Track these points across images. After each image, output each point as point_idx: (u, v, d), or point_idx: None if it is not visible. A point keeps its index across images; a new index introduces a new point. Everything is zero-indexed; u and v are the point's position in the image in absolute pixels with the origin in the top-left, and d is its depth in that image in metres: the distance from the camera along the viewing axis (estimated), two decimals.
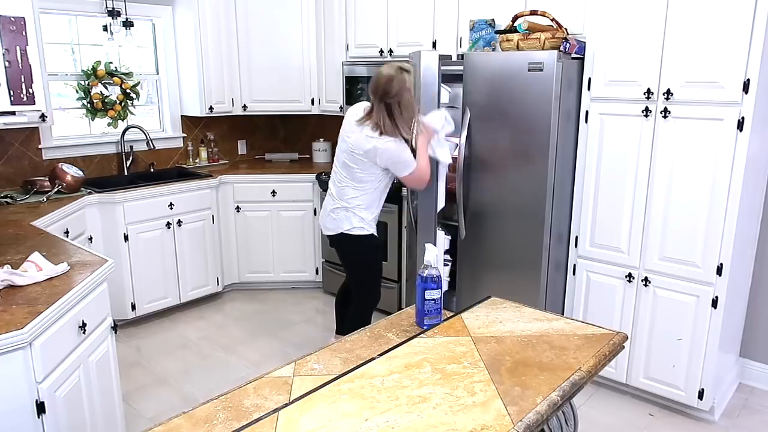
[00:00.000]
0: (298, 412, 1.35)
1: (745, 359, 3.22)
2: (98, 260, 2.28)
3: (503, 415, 1.33)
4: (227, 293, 4.53)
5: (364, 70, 4.16)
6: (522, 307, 1.96)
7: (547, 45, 2.88)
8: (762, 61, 2.41)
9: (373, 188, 2.88)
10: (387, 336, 1.79)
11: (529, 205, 2.96)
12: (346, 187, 2.88)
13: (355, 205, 2.87)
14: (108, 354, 2.28)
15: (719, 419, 2.89)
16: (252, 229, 4.42)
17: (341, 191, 2.90)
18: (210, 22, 4.31)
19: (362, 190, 2.87)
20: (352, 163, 2.83)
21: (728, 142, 2.51)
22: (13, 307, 1.81)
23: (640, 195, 2.81)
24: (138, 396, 3.13)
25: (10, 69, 2.84)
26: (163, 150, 4.56)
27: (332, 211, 2.93)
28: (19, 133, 3.74)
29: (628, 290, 2.93)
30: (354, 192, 2.87)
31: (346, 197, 2.88)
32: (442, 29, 3.69)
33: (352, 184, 2.86)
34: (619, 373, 3.03)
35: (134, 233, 3.79)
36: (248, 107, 4.61)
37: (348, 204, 2.88)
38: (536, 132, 2.86)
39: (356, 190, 2.87)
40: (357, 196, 2.87)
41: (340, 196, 2.90)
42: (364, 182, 2.85)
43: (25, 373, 1.73)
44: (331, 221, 2.94)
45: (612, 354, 1.69)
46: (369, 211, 2.90)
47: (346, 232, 2.90)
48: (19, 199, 3.39)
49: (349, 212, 2.88)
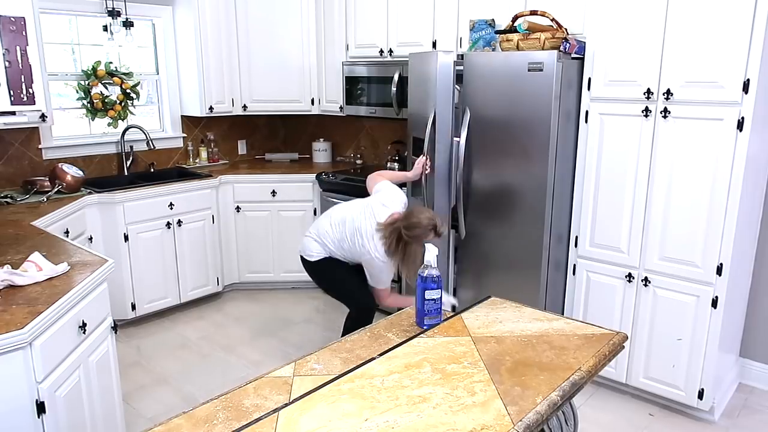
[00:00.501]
0: (298, 412, 1.35)
1: (745, 359, 3.22)
2: (98, 260, 2.28)
3: (503, 415, 1.33)
4: (227, 293, 4.53)
5: (364, 70, 4.16)
6: (522, 307, 1.96)
7: (547, 45, 2.88)
8: (762, 61, 2.41)
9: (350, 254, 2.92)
10: (387, 336, 1.79)
11: (529, 205, 2.96)
12: (328, 235, 2.93)
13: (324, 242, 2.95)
14: (108, 354, 2.28)
15: (719, 419, 2.89)
16: (252, 229, 4.42)
17: (322, 232, 2.96)
18: (210, 22, 4.31)
19: (338, 247, 2.93)
20: (348, 236, 2.86)
21: (728, 142, 2.51)
22: (13, 307, 1.81)
23: (640, 195, 2.81)
24: (138, 396, 3.13)
25: (10, 69, 2.83)
26: (163, 150, 4.56)
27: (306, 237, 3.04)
28: (19, 133, 3.74)
29: (628, 290, 2.93)
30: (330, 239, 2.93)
31: (321, 237, 2.96)
32: (442, 29, 3.69)
33: (333, 240, 2.92)
34: (619, 373, 3.03)
35: (134, 233, 3.79)
36: (248, 107, 4.61)
37: (319, 240, 2.96)
38: (536, 132, 2.86)
39: (333, 245, 2.93)
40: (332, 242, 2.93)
41: (319, 234, 2.97)
42: (344, 246, 2.91)
43: (25, 373, 1.73)
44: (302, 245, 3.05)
45: (612, 354, 1.69)
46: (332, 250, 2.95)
47: (306, 256, 3.01)
48: (19, 199, 3.39)
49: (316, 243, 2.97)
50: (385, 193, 2.94)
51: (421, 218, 2.62)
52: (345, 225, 2.88)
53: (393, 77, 3.89)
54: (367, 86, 4.18)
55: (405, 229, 2.63)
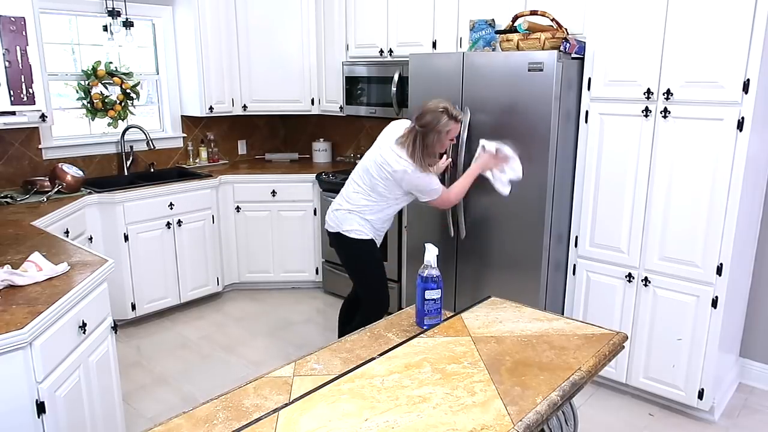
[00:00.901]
0: (298, 412, 1.35)
1: (745, 359, 3.22)
2: (98, 260, 2.28)
3: (503, 415, 1.33)
4: (227, 293, 4.53)
5: (364, 70, 4.16)
6: (522, 307, 1.96)
7: (547, 45, 2.88)
8: (762, 61, 2.41)
9: (388, 206, 2.83)
10: (387, 336, 1.79)
11: (529, 205, 2.96)
12: (359, 194, 2.82)
13: (361, 209, 2.82)
14: (108, 354, 2.28)
15: (719, 419, 2.89)
16: (252, 229, 4.42)
17: (352, 196, 2.85)
18: (210, 22, 4.31)
19: (375, 202, 2.81)
20: (378, 176, 2.76)
21: (728, 142, 2.51)
22: (13, 307, 1.81)
23: (640, 195, 2.81)
24: (138, 396, 3.13)
25: (10, 69, 2.83)
26: (163, 150, 4.56)
27: (336, 210, 2.89)
28: (19, 133, 3.74)
29: (628, 290, 2.93)
30: (366, 201, 2.81)
31: (354, 202, 2.83)
32: (442, 29, 3.69)
33: (368, 194, 2.80)
34: (619, 373, 3.03)
35: (134, 233, 3.79)
36: (248, 107, 4.61)
37: (354, 207, 2.83)
38: (536, 132, 2.86)
39: (369, 200, 2.81)
40: (367, 205, 2.81)
41: (349, 199, 2.85)
42: (383, 197, 2.79)
43: (25, 373, 1.73)
44: (333, 218, 2.91)
45: (612, 354, 1.69)
46: (373, 221, 2.83)
47: (344, 232, 2.85)
48: (19, 199, 3.39)
49: (353, 214, 2.83)
50: (386, 131, 2.87)
51: (429, 105, 2.64)
52: (369, 172, 2.78)
53: (393, 77, 3.89)
54: (367, 86, 4.18)
55: (417, 123, 2.63)
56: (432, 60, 3.24)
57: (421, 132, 2.64)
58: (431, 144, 2.66)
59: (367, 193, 2.81)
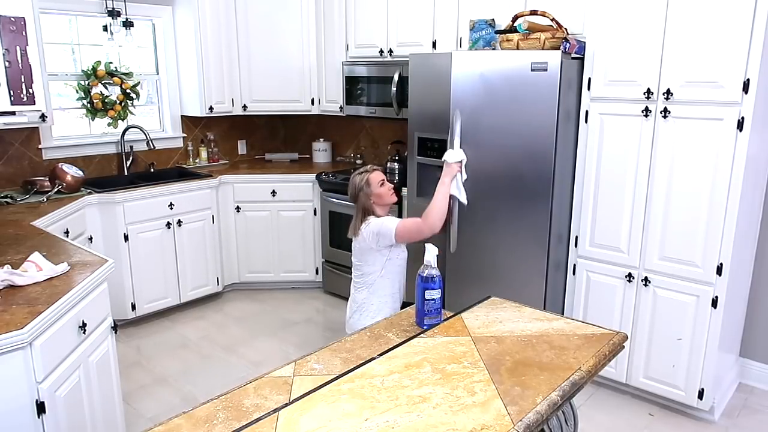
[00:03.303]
0: (298, 412, 1.35)
1: (745, 359, 3.22)
2: (98, 260, 2.28)
3: (503, 414, 1.33)
4: (227, 293, 4.53)
5: (364, 70, 4.16)
6: (522, 307, 1.96)
7: (547, 45, 2.88)
8: (762, 61, 2.41)
9: (379, 276, 2.71)
10: (387, 336, 1.79)
11: (528, 204, 2.96)
12: (360, 290, 2.77)
13: (363, 304, 2.75)
14: (108, 354, 2.28)
15: (719, 419, 2.89)
16: (252, 229, 4.42)
17: (354, 296, 2.81)
18: (210, 22, 4.31)
19: (369, 284, 2.73)
20: (358, 261, 2.74)
21: (728, 142, 2.51)
22: (13, 307, 1.81)
23: (640, 195, 2.81)
24: (138, 396, 3.13)
25: (10, 69, 2.83)
26: (163, 150, 4.56)
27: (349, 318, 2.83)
28: (19, 133, 3.74)
29: (628, 290, 2.93)
30: (364, 293, 2.75)
31: (358, 300, 2.77)
32: (442, 29, 3.70)
33: (362, 281, 2.75)
34: (619, 373, 3.03)
35: (134, 233, 3.79)
36: (248, 107, 4.61)
37: (359, 305, 2.77)
38: (537, 132, 2.86)
39: (365, 289, 2.74)
40: (366, 297, 2.75)
41: (354, 300, 2.80)
42: (369, 274, 2.72)
43: (25, 373, 1.73)
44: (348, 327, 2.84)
45: (612, 354, 1.69)
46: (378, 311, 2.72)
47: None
48: (19, 199, 3.39)
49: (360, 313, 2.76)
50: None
51: (355, 179, 2.75)
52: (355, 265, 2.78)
53: (393, 77, 3.89)
54: (367, 86, 4.18)
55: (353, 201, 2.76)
56: (432, 60, 3.24)
57: (359, 203, 2.70)
58: (370, 199, 2.69)
59: (362, 284, 2.75)
